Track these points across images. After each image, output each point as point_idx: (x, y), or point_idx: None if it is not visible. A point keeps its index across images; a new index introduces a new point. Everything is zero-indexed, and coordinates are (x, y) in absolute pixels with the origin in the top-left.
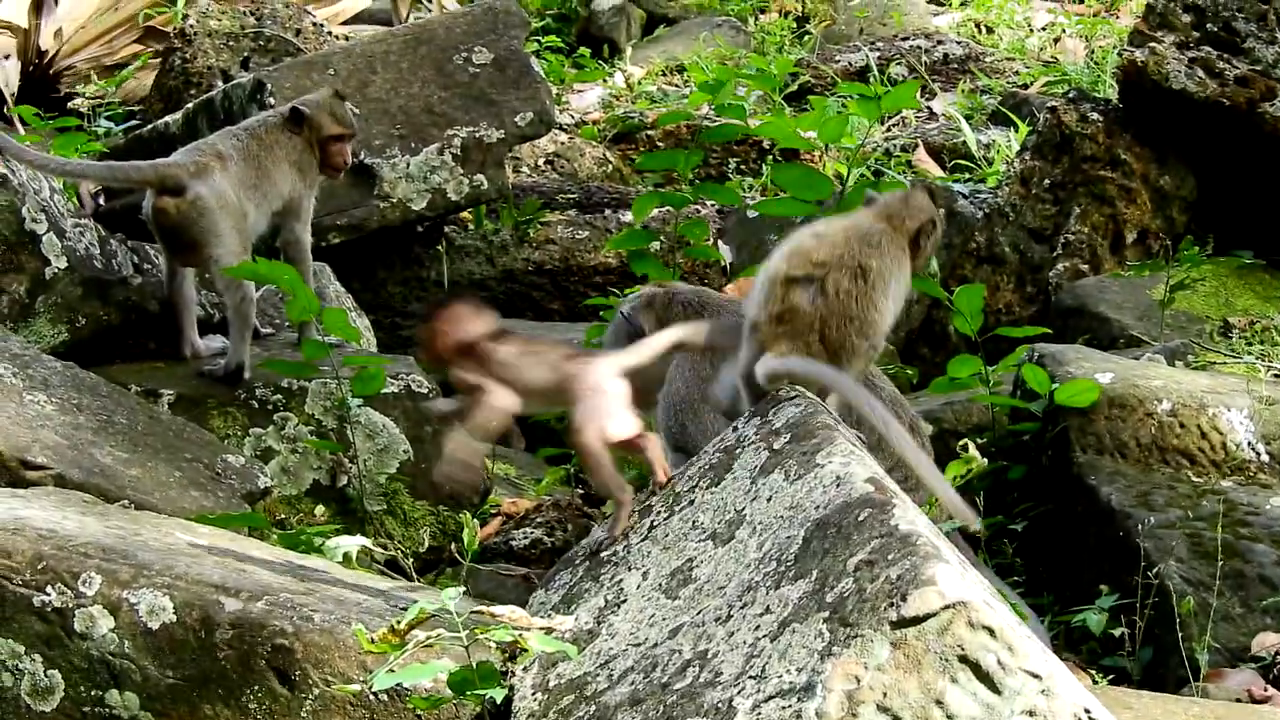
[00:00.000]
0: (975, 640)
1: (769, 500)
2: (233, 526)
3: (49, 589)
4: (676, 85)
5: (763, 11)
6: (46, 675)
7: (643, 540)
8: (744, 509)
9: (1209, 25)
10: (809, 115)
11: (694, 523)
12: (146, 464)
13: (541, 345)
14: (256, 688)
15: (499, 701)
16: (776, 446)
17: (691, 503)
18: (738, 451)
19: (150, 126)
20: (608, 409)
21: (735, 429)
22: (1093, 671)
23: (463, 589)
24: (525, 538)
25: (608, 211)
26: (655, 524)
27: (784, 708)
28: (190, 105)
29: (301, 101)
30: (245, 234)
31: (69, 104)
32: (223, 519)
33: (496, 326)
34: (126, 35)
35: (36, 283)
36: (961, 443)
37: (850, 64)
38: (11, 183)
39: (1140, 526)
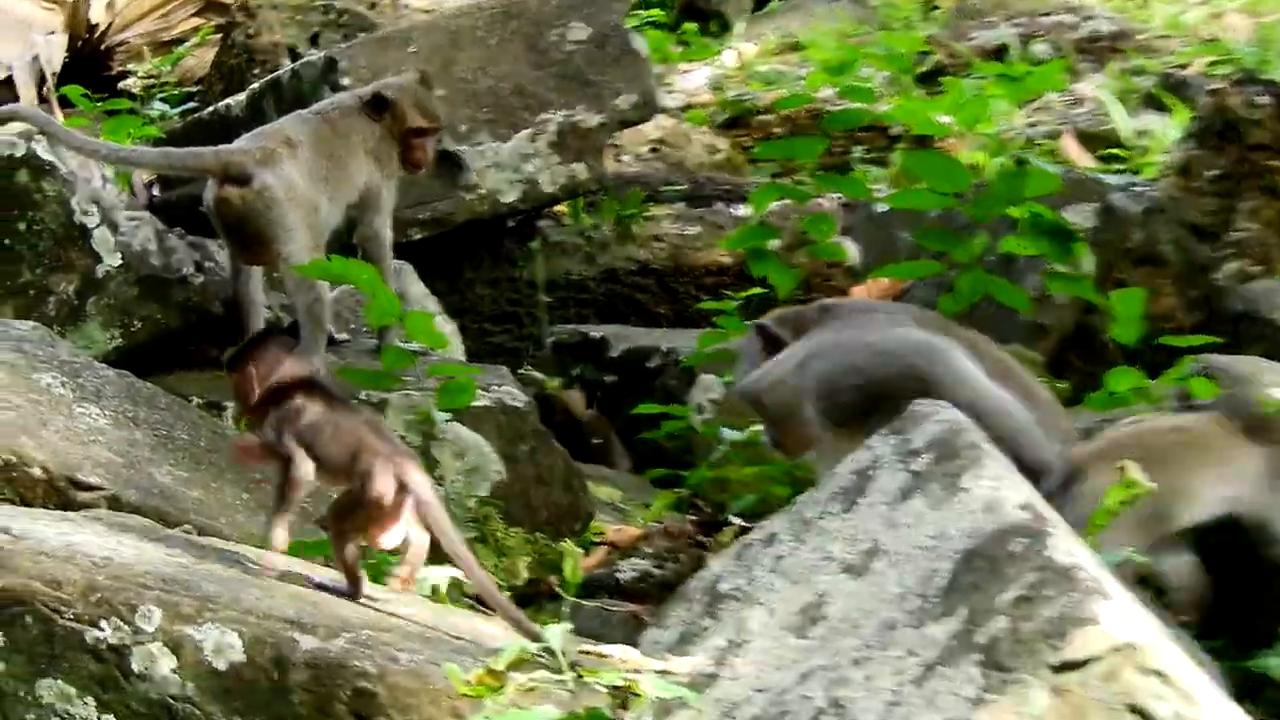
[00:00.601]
0: (1146, 687)
1: (909, 528)
2: (308, 555)
3: (103, 624)
4: (793, 65)
5: None
6: None
7: (768, 573)
8: (881, 538)
9: None
10: (943, 98)
11: (825, 553)
12: (210, 484)
13: (348, 415)
14: None
15: None
16: (917, 468)
17: (822, 531)
18: (873, 473)
19: (210, 109)
20: (388, 519)
21: (869, 447)
22: None
23: (566, 626)
24: (633, 570)
25: (719, 205)
26: (782, 555)
27: None
28: (255, 86)
29: (385, 85)
30: (317, 228)
31: (120, 84)
32: (296, 547)
33: (309, 375)
34: (184, 8)
35: (87, 282)
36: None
37: (987, 42)
38: (59, 171)
39: None
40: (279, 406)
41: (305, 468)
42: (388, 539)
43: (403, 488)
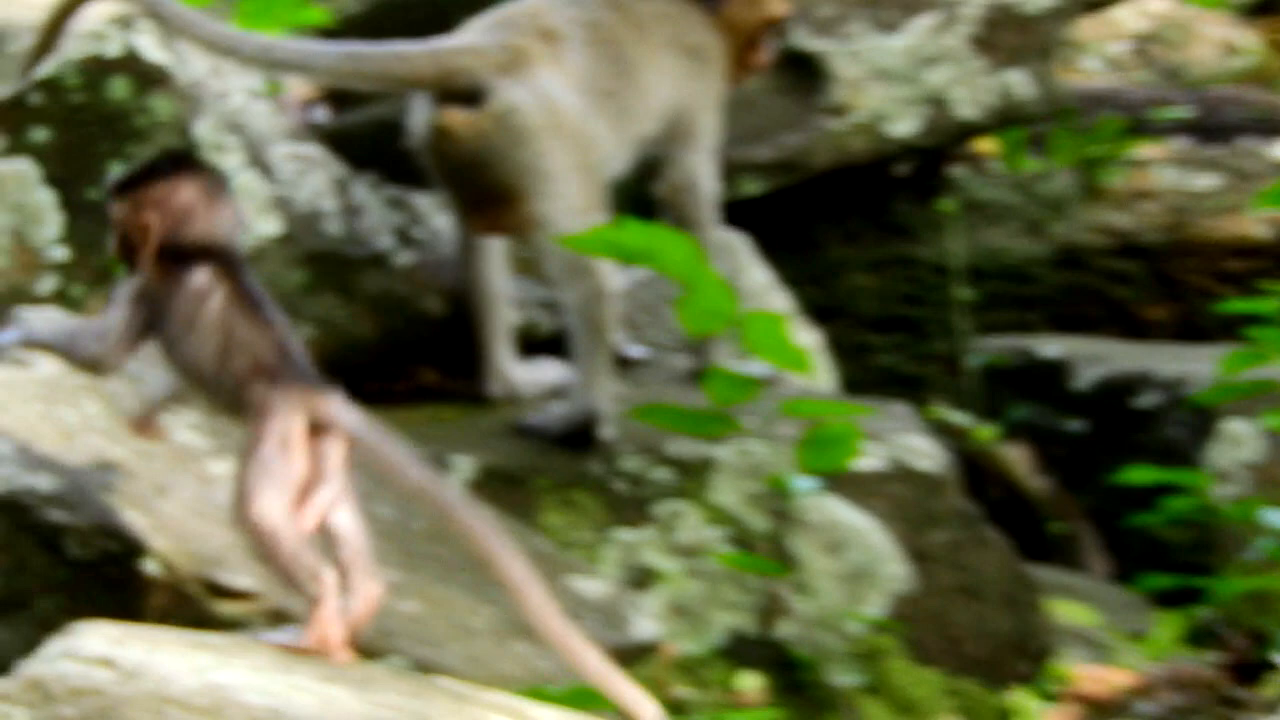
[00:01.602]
0: None
1: None
2: (595, 709)
3: None
4: None
5: None
6: None
7: None
8: None
9: None
10: None
11: None
12: (432, 591)
13: (254, 317)
14: None
15: None
16: None
17: None
18: None
19: None
20: (279, 477)
21: None
22: None
23: None
24: None
25: (1247, 141)
26: None
27: None
28: None
29: None
30: (595, 174)
31: None
32: (577, 695)
33: (225, 241)
34: None
35: None
36: None
37: None
38: (176, 80)
39: None
40: (170, 270)
41: (105, 355)
42: (305, 516)
43: (318, 427)
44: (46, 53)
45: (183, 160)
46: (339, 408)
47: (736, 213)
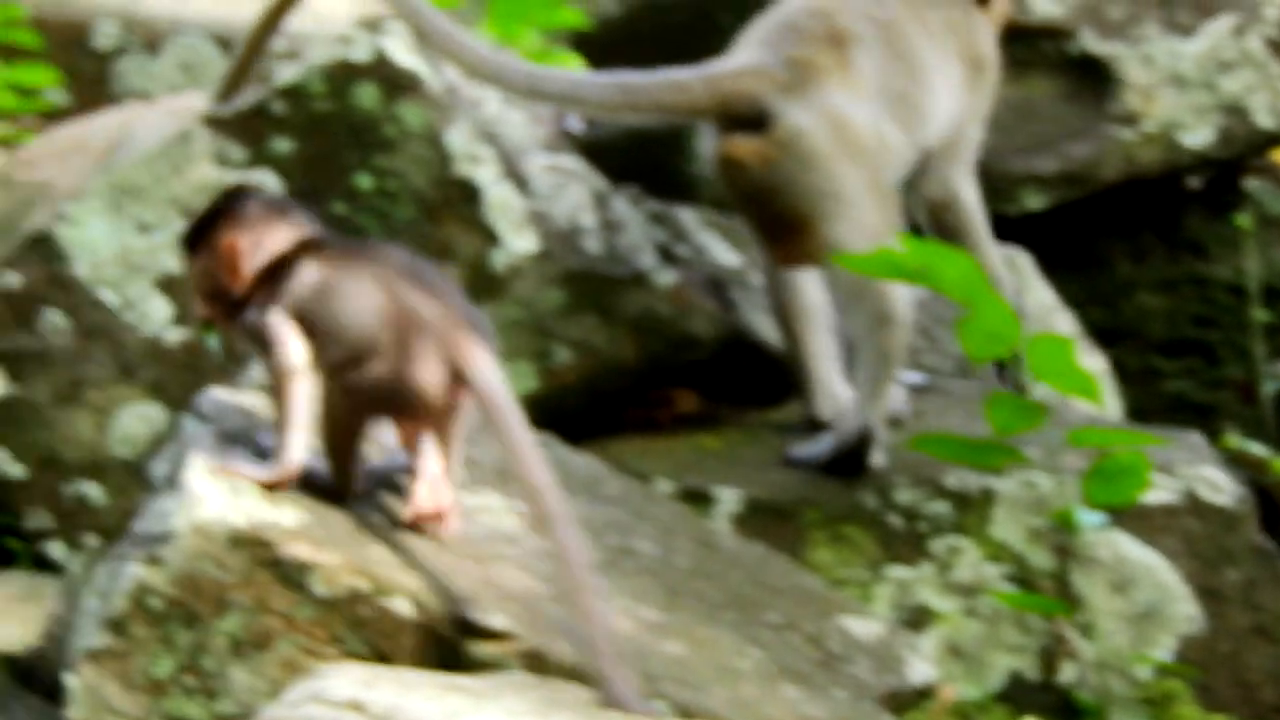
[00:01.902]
0: None
1: None
2: None
3: None
4: None
5: None
6: None
7: None
8: None
9: None
10: None
11: None
12: (696, 631)
13: (368, 266)
14: None
15: None
16: None
17: None
18: None
19: None
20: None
21: None
22: None
23: None
24: None
25: None
26: None
27: None
28: None
29: None
30: (890, 193)
31: None
32: None
33: (308, 233)
34: None
35: (476, 279)
36: None
37: None
38: (429, 87)
39: None
40: (271, 288)
41: (293, 350)
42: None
43: (458, 377)
44: (251, 64)
45: (237, 192)
46: (480, 354)
47: (1018, 228)
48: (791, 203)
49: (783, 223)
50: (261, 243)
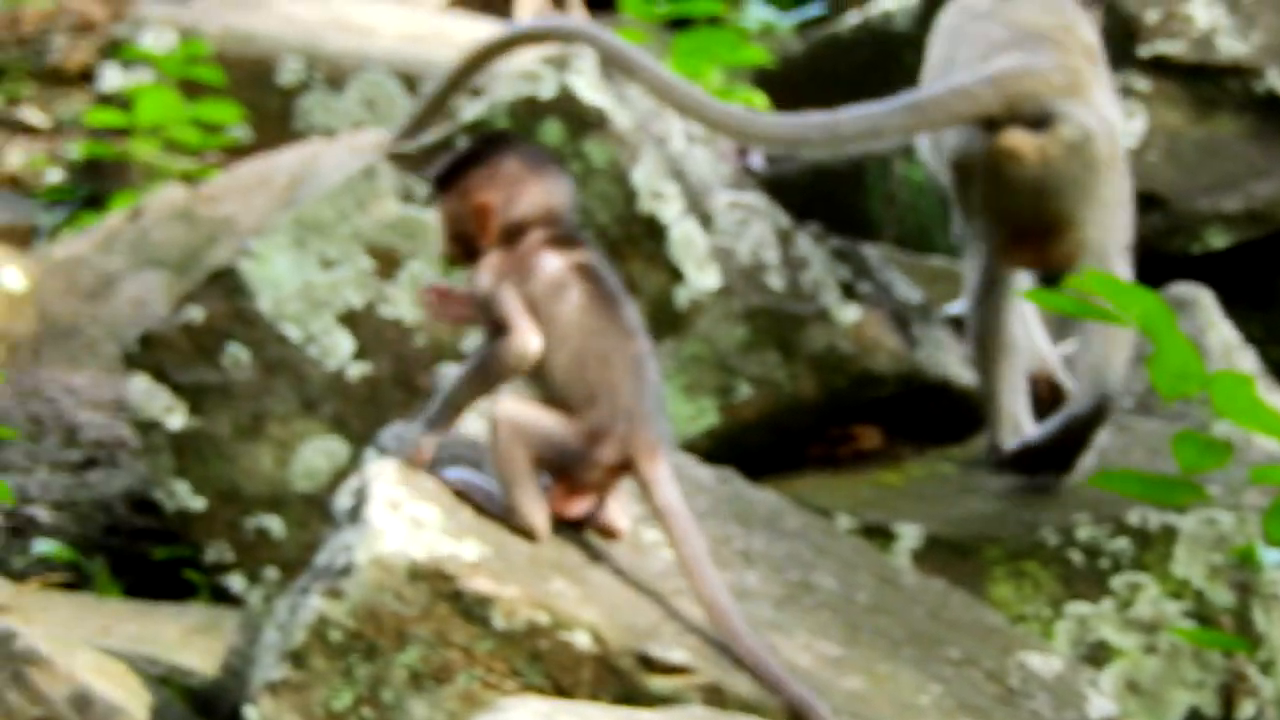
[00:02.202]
0: None
1: None
2: None
3: None
4: None
5: None
6: None
7: None
8: None
9: None
10: None
11: None
12: (876, 667)
13: (612, 323)
14: None
15: None
16: None
17: None
18: None
19: (853, 21)
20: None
21: None
22: None
23: None
24: None
25: None
26: None
27: None
28: None
29: None
30: (1126, 201)
31: None
32: None
33: (564, 213)
34: None
35: (661, 316)
36: None
37: None
38: (615, 123)
39: None
40: (513, 250)
41: (528, 341)
42: (575, 506)
43: (626, 466)
44: (445, 102)
45: (500, 139)
46: (658, 463)
47: (1201, 266)
48: (1060, 203)
49: (1041, 223)
50: (513, 201)
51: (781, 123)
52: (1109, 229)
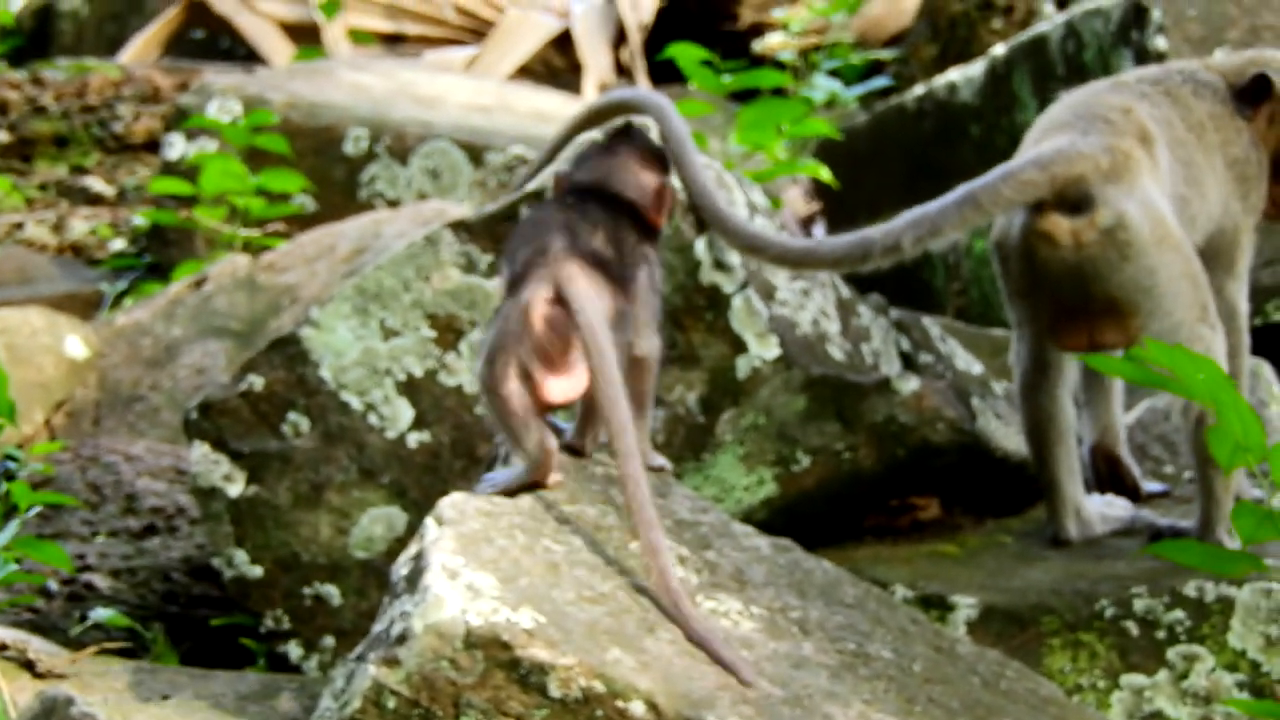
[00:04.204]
0: None
1: None
2: None
3: None
4: None
5: None
6: None
7: None
8: None
9: None
10: None
11: None
12: None
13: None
14: None
15: None
16: None
17: None
18: None
19: (916, 92)
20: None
21: None
22: None
23: None
24: None
25: None
26: None
27: None
28: (996, 51)
29: (1266, 61)
30: (1201, 284)
31: (755, 43)
32: None
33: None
34: None
35: (721, 385)
36: None
37: None
38: (677, 195)
39: None
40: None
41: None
42: (555, 387)
43: (559, 299)
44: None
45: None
46: (580, 283)
47: (1261, 340)
48: (1103, 288)
49: (1087, 306)
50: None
51: (841, 243)
52: (1166, 313)
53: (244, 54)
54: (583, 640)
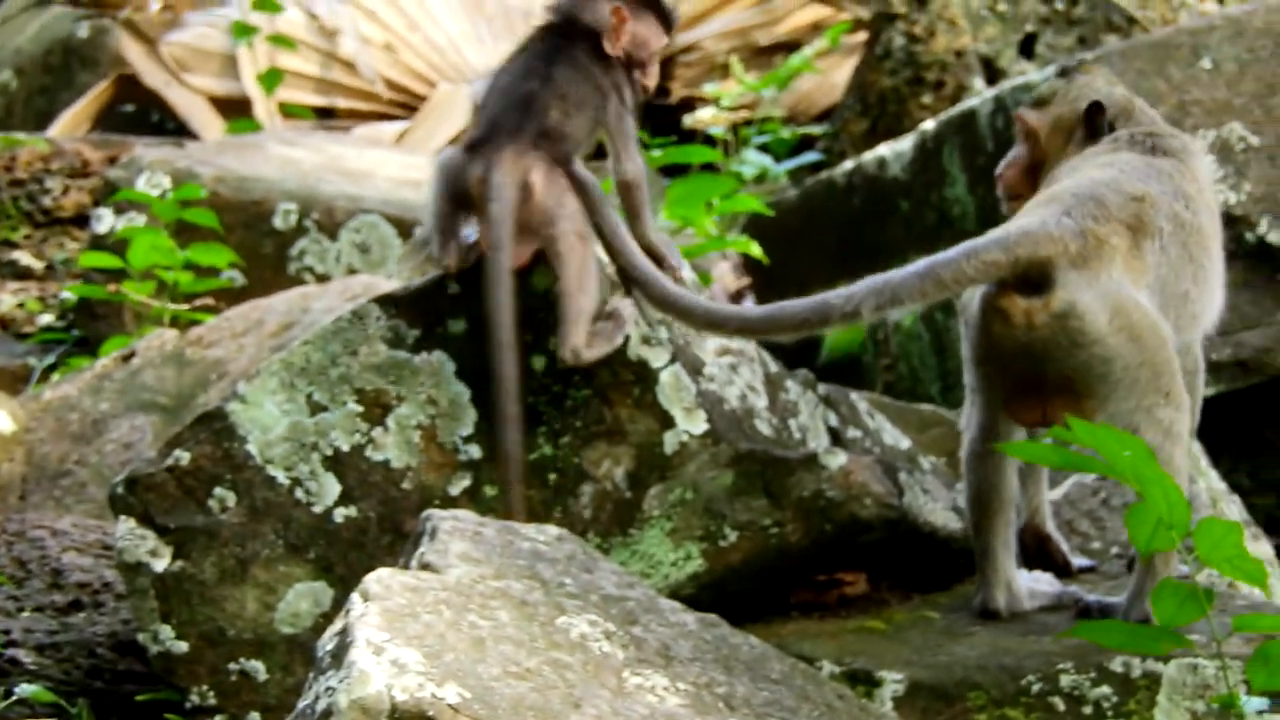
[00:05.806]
0: None
1: None
2: None
3: None
4: None
5: None
6: None
7: None
8: None
9: None
10: None
11: None
12: None
13: None
14: None
15: None
16: None
17: None
18: None
19: (845, 166)
20: None
21: None
22: None
23: None
24: None
25: None
26: None
27: None
28: (926, 125)
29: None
30: (1169, 369)
31: (687, 118)
32: None
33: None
34: None
35: (645, 460)
36: None
37: None
38: (606, 268)
39: None
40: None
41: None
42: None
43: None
44: None
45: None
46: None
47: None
48: (1053, 368)
49: (1040, 384)
50: (637, 33)
51: (801, 307)
52: (1126, 397)
53: (174, 128)
54: (508, 716)
